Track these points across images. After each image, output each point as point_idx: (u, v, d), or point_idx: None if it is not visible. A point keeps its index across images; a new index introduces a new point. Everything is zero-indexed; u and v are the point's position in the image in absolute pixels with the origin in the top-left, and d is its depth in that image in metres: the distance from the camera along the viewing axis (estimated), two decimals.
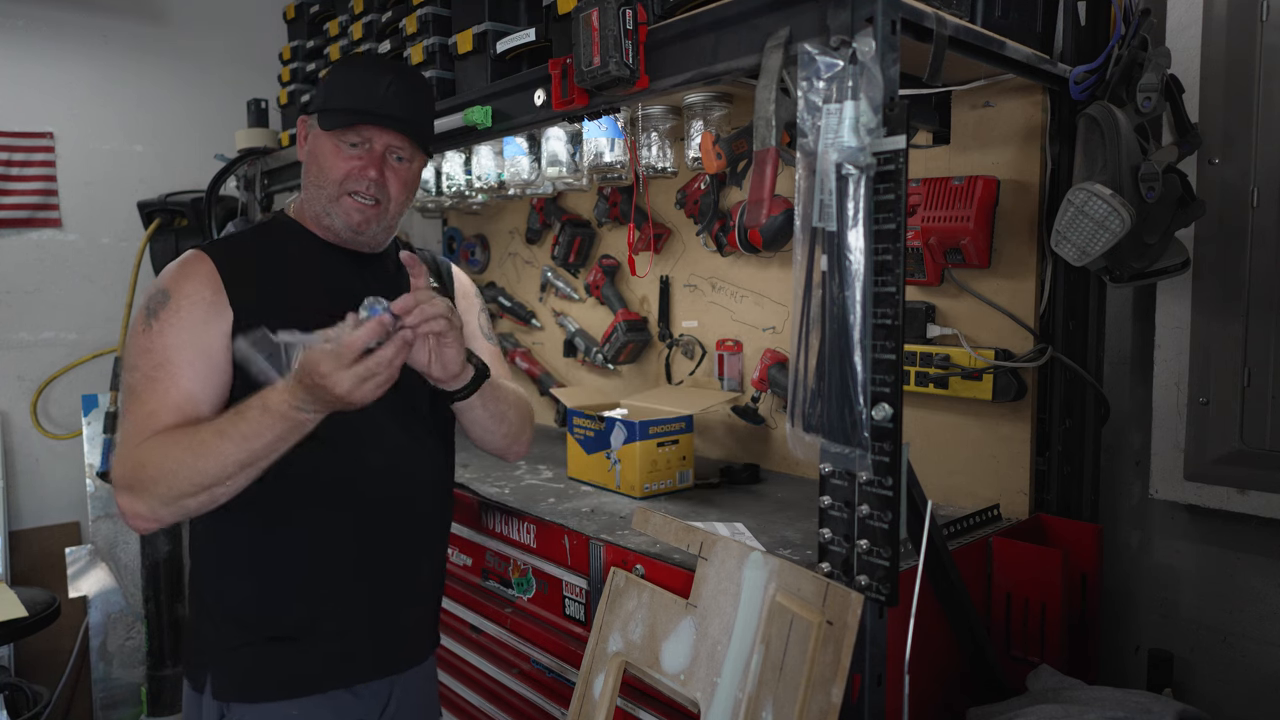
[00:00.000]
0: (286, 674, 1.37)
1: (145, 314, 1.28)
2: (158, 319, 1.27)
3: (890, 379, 1.18)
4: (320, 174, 1.38)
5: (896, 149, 1.14)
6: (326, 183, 1.37)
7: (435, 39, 2.12)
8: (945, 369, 1.80)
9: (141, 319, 1.28)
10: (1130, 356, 1.87)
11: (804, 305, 1.22)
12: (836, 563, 1.27)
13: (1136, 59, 1.54)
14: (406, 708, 1.47)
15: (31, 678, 2.81)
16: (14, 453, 3.11)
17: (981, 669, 1.54)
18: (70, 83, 3.19)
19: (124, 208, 3.22)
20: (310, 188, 1.40)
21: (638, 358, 2.62)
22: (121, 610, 3.06)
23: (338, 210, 1.37)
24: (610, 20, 1.46)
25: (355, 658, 1.41)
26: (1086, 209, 1.48)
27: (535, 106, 1.77)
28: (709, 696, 1.35)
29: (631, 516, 1.64)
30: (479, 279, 3.24)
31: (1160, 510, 1.84)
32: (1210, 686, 1.77)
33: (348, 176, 1.36)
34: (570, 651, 1.75)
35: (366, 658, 1.42)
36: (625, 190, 2.48)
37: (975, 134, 1.79)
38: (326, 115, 1.36)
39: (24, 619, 2.43)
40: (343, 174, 1.36)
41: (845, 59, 1.15)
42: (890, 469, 1.19)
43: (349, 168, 1.36)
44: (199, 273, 1.30)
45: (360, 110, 1.35)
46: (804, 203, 1.19)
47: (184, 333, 1.27)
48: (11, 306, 3.12)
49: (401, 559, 1.46)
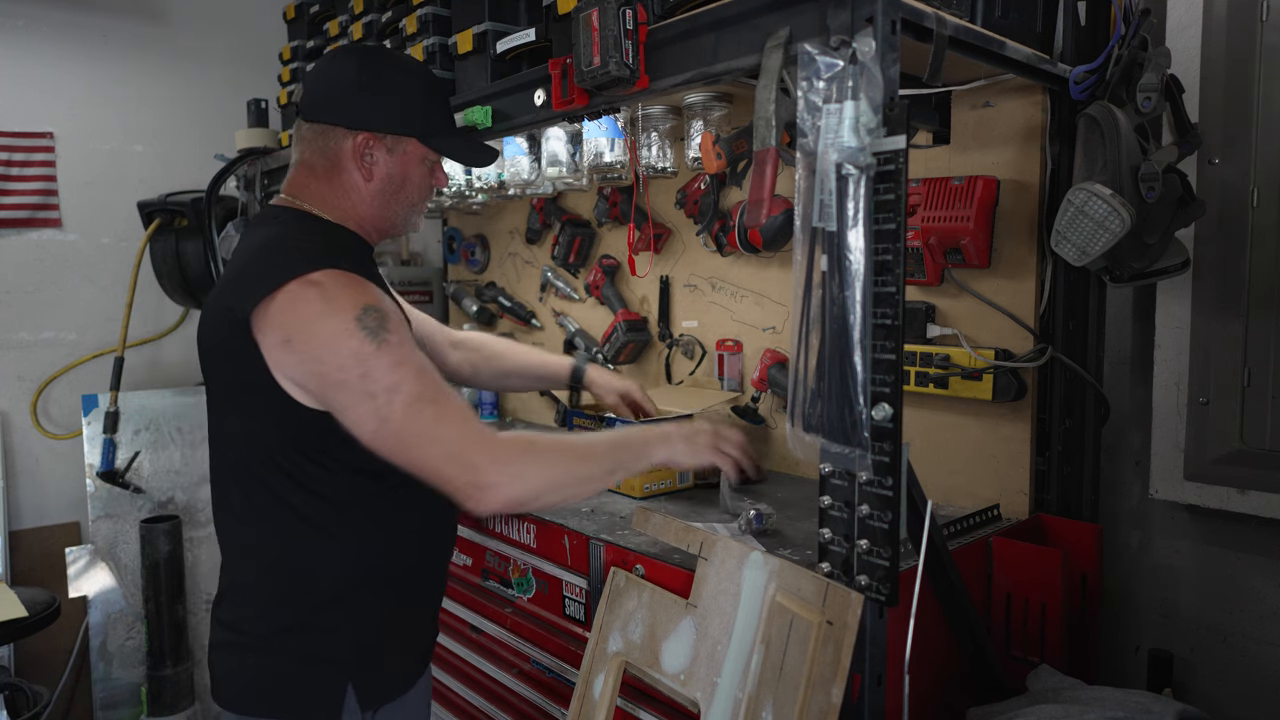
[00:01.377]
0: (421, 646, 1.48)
1: (368, 333, 1.21)
2: (390, 332, 1.23)
3: (890, 379, 1.18)
4: (411, 189, 1.46)
5: (896, 149, 1.14)
6: (416, 198, 1.47)
7: (435, 39, 2.12)
8: (945, 369, 1.80)
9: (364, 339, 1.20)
10: (1130, 356, 1.87)
11: (804, 305, 1.22)
12: (836, 563, 1.27)
13: (1136, 59, 1.54)
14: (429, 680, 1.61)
15: (31, 678, 2.80)
16: (14, 453, 3.11)
17: (981, 669, 1.54)
18: (70, 83, 3.19)
19: (124, 208, 3.21)
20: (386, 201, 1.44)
21: (638, 358, 2.62)
22: (121, 610, 3.06)
23: (414, 218, 1.50)
24: (610, 20, 1.46)
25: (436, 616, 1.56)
26: (1086, 209, 1.48)
27: (535, 106, 1.77)
28: (709, 696, 1.35)
29: (631, 516, 1.64)
30: (479, 279, 3.24)
31: (1160, 510, 1.84)
32: (1210, 686, 1.77)
33: (430, 191, 1.50)
34: (570, 651, 1.75)
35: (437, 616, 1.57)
36: (625, 190, 2.48)
37: (975, 134, 1.79)
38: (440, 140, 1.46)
39: (24, 619, 2.43)
40: (429, 190, 1.49)
41: (845, 59, 1.15)
42: (890, 469, 1.19)
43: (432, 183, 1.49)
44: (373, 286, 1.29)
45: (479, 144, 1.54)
46: (804, 203, 1.19)
47: (410, 337, 1.30)
48: (11, 306, 3.12)
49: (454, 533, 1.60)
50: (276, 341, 1.22)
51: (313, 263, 1.24)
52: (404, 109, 1.40)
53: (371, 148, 1.39)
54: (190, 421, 3.21)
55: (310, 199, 1.41)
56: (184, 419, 3.21)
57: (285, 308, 1.21)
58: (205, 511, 3.24)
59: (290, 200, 1.42)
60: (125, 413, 3.06)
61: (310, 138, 1.41)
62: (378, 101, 1.38)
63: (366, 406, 1.19)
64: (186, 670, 2.99)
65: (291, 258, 1.26)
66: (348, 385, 1.19)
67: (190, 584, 3.12)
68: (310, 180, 1.41)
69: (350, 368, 1.19)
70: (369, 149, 1.38)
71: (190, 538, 3.13)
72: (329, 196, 1.41)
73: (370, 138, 1.38)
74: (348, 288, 1.24)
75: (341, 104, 1.38)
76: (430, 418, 1.21)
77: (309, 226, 1.39)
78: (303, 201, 1.41)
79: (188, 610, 3.04)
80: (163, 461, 3.18)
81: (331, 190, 1.40)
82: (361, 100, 1.38)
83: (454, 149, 1.48)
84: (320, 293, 1.22)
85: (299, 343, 1.21)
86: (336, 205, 1.41)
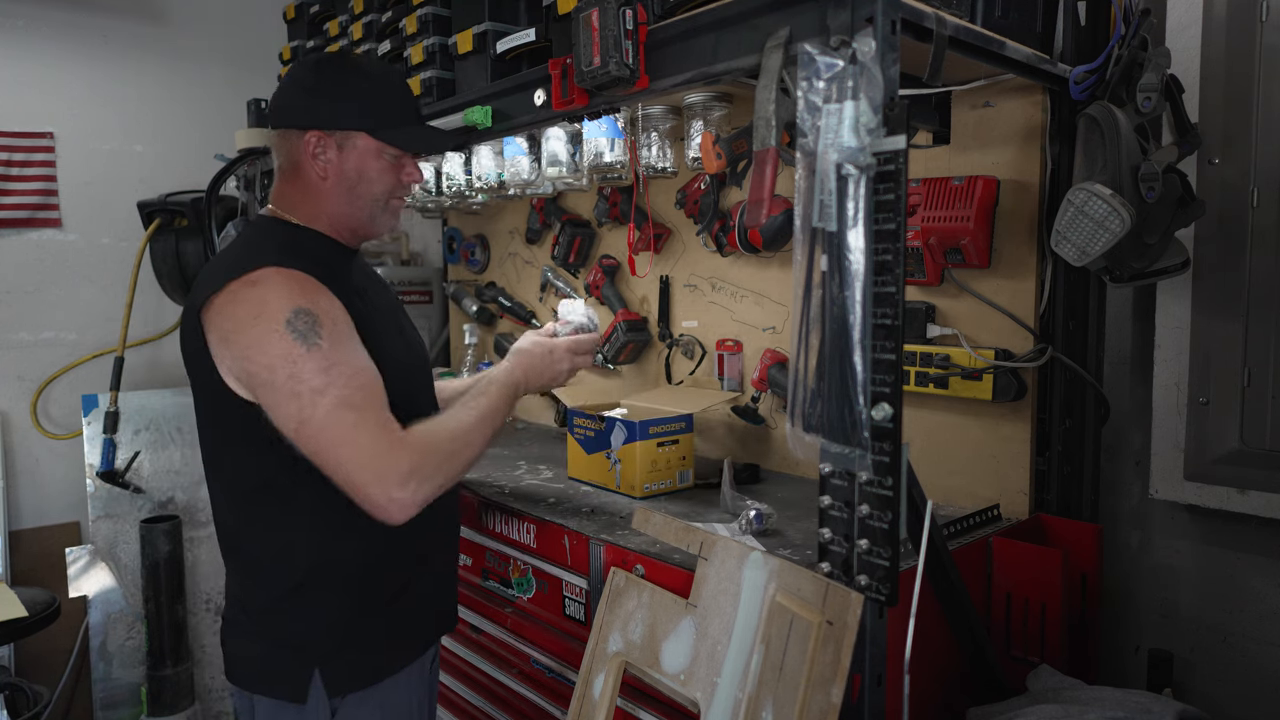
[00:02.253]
0: (404, 640, 1.47)
1: (296, 336, 1.24)
2: (321, 337, 1.25)
3: (890, 379, 1.18)
4: (371, 184, 1.44)
5: (896, 149, 1.14)
6: (379, 193, 1.45)
7: (435, 39, 2.12)
8: (945, 369, 1.80)
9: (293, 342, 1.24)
10: (1130, 356, 1.87)
11: (804, 305, 1.22)
12: (836, 563, 1.27)
13: (1136, 59, 1.54)
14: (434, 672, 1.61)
15: (31, 678, 2.80)
16: (14, 453, 3.11)
17: (981, 669, 1.54)
18: (70, 83, 3.19)
19: (124, 208, 3.21)
20: (345, 198, 1.44)
21: (638, 358, 2.62)
22: (121, 610, 3.06)
23: (383, 216, 1.48)
24: (610, 20, 1.46)
25: (444, 614, 1.60)
26: (1086, 209, 1.48)
27: (535, 106, 1.77)
28: (709, 696, 1.35)
29: (631, 516, 1.64)
30: (479, 279, 3.24)
31: (1160, 510, 1.84)
32: (1210, 686, 1.77)
33: (398, 185, 1.47)
34: (570, 651, 1.75)
35: (447, 614, 1.61)
36: (625, 190, 2.48)
37: (975, 134, 1.79)
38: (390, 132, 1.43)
39: (24, 619, 2.43)
40: (395, 186, 1.47)
41: (845, 59, 1.15)
42: (890, 469, 1.19)
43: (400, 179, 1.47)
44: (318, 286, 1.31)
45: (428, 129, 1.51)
46: (804, 203, 1.19)
47: (349, 339, 1.31)
48: (11, 306, 3.12)
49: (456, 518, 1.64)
50: (217, 339, 1.29)
51: (257, 262, 1.29)
52: (354, 106, 1.42)
53: (323, 145, 1.41)
54: (190, 421, 3.20)
55: (284, 205, 1.46)
56: (184, 419, 3.21)
57: (222, 308, 1.28)
58: (205, 511, 3.24)
59: (271, 210, 1.47)
60: (125, 413, 3.06)
61: (277, 144, 1.46)
62: (326, 101, 1.41)
63: (291, 406, 1.24)
64: (186, 670, 2.99)
65: (240, 258, 1.32)
66: (274, 385, 1.24)
67: (190, 584, 3.12)
68: (283, 186, 1.47)
69: (279, 368, 1.23)
70: (321, 147, 1.41)
71: (190, 538, 3.14)
72: (297, 200, 1.45)
73: (320, 135, 1.41)
74: (283, 287, 1.27)
75: (296, 107, 1.43)
76: (349, 423, 1.24)
77: (271, 230, 1.44)
78: (279, 209, 1.46)
79: (188, 610, 3.05)
80: (163, 461, 3.18)
81: (298, 193, 1.45)
82: (312, 101, 1.41)
83: (404, 139, 1.46)
84: (255, 293, 1.27)
85: (233, 341, 1.27)
86: (304, 208, 1.45)
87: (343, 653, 1.38)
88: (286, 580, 1.38)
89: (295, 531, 1.37)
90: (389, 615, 1.45)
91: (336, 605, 1.39)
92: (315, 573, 1.38)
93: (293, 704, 1.35)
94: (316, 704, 1.35)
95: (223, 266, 1.33)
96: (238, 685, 1.43)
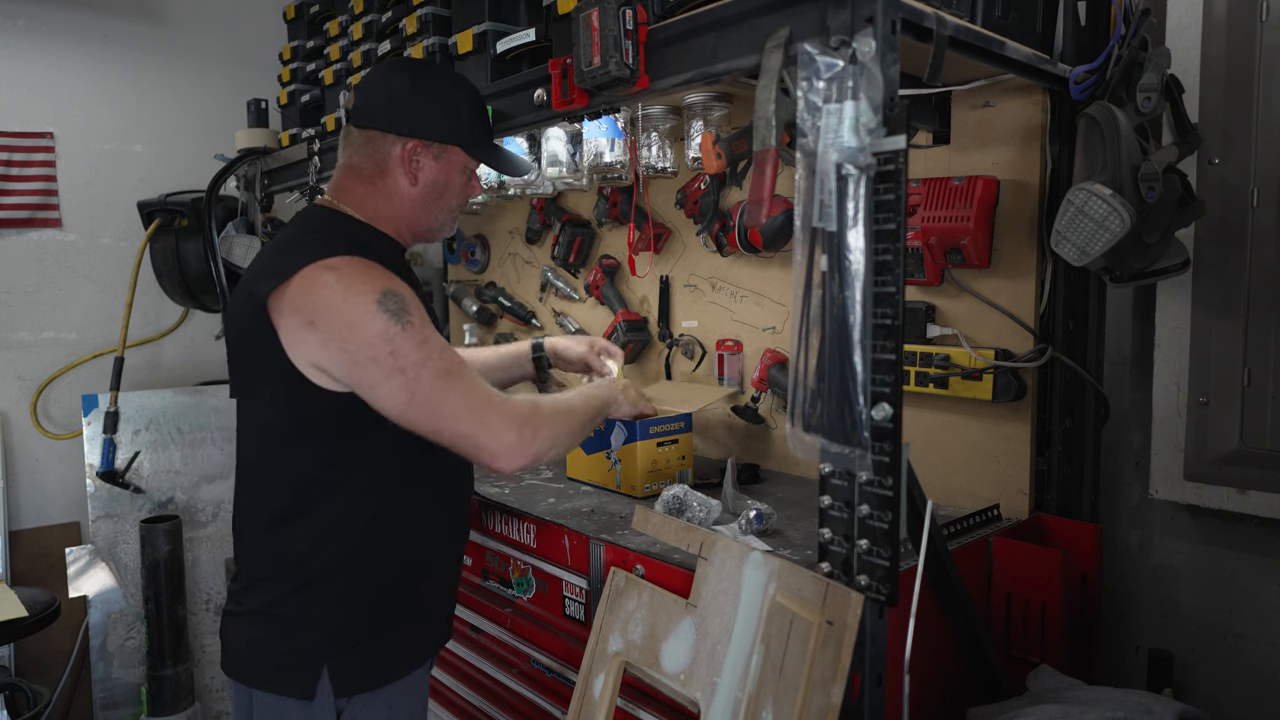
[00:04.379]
0: (415, 644, 1.49)
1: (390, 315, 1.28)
2: (411, 315, 1.30)
3: (890, 379, 1.17)
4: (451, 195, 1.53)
5: (896, 149, 1.14)
6: (455, 204, 1.55)
7: (435, 39, 2.12)
8: (945, 369, 1.80)
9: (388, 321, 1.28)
10: (1130, 356, 1.87)
11: (804, 305, 1.22)
12: (836, 563, 1.27)
13: (1136, 59, 1.54)
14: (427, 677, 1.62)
15: (31, 678, 2.81)
16: (14, 453, 3.11)
17: (981, 669, 1.54)
18: (70, 83, 3.19)
19: (124, 208, 3.21)
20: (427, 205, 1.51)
21: (638, 358, 2.62)
22: (121, 610, 3.06)
23: (450, 224, 1.58)
24: (610, 20, 1.46)
25: (449, 622, 1.63)
26: (1086, 209, 1.48)
27: (535, 106, 1.77)
28: (709, 696, 1.35)
29: (631, 516, 1.64)
30: (479, 279, 3.24)
31: (1160, 510, 1.84)
32: (1210, 686, 1.77)
33: (466, 199, 1.57)
34: (570, 651, 1.75)
35: (449, 623, 1.63)
36: (625, 190, 2.48)
37: (975, 134, 1.79)
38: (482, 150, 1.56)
39: (24, 619, 2.44)
40: (465, 198, 1.57)
41: (845, 59, 1.15)
42: (890, 469, 1.19)
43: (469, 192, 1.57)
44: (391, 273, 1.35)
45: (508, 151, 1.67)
46: (804, 203, 1.19)
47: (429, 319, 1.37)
48: (11, 306, 3.12)
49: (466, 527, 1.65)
50: (298, 324, 1.28)
51: (331, 250, 1.31)
52: (451, 119, 1.49)
53: (419, 154, 1.47)
54: (190, 421, 3.22)
55: (348, 200, 1.48)
56: (184, 419, 3.21)
57: (302, 291, 1.28)
58: (205, 511, 3.24)
59: (329, 201, 1.49)
60: (125, 413, 3.06)
61: (359, 143, 1.48)
62: (428, 111, 1.47)
63: (396, 381, 1.27)
64: (186, 670, 2.99)
65: (309, 246, 1.33)
66: (377, 362, 1.26)
67: (190, 584, 3.12)
68: (353, 183, 1.48)
69: (378, 346, 1.26)
70: (417, 155, 1.47)
71: (190, 538, 3.14)
72: (368, 199, 1.48)
73: (419, 144, 1.46)
74: (364, 271, 1.31)
75: (393, 112, 1.46)
76: (458, 390, 1.31)
77: (337, 221, 1.46)
78: (341, 203, 1.48)
79: (188, 610, 3.05)
80: (163, 461, 3.18)
81: (373, 193, 1.48)
82: (413, 109, 1.46)
83: (497, 159, 1.61)
84: (337, 276, 1.29)
85: (323, 325, 1.27)
86: (374, 207, 1.48)
87: (354, 653, 1.39)
88: (307, 574, 1.38)
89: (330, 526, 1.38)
90: (401, 620, 1.45)
91: (354, 605, 1.39)
92: (333, 570, 1.38)
93: (298, 701, 1.35)
94: (323, 702, 1.35)
95: (288, 255, 1.33)
96: (238, 679, 1.42)
